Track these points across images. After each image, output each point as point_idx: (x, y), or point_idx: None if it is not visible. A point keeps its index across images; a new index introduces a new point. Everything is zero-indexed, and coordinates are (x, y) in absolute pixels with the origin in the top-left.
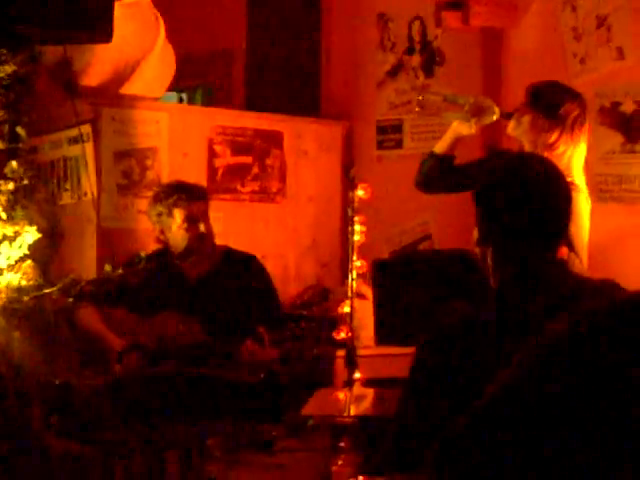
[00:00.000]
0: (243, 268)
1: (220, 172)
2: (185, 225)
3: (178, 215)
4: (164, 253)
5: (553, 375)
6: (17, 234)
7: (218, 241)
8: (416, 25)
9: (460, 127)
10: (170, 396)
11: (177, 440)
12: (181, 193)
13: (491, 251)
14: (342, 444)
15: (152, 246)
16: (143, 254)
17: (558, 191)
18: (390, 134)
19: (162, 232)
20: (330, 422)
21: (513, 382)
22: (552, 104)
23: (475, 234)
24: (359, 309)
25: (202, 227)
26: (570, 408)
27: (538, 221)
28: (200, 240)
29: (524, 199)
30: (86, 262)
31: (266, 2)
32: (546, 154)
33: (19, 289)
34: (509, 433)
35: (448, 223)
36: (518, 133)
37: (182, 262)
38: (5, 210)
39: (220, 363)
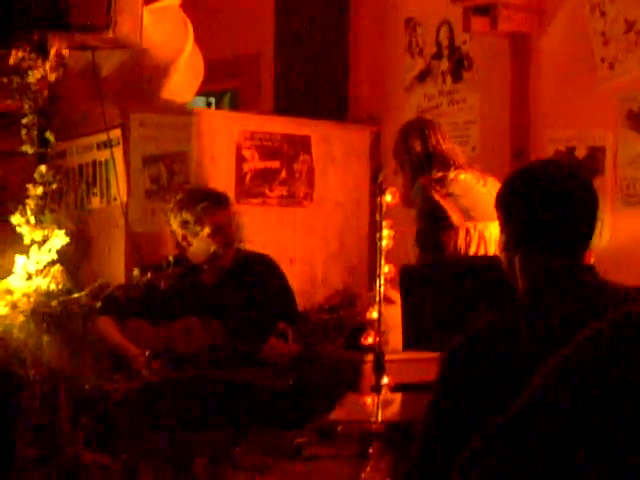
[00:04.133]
0: (257, 267)
1: (248, 177)
2: (213, 233)
3: (207, 223)
4: (182, 258)
5: (579, 389)
6: (46, 238)
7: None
8: (444, 30)
9: None
10: (198, 402)
11: (205, 447)
12: (209, 201)
13: (519, 257)
14: (370, 450)
15: (175, 250)
16: (171, 258)
17: (584, 194)
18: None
19: (185, 238)
20: (358, 428)
21: (539, 396)
22: (401, 153)
23: (501, 238)
24: (387, 314)
25: (228, 235)
26: (596, 420)
27: (566, 226)
28: (225, 247)
29: (551, 203)
30: (114, 266)
31: (294, 6)
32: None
33: (48, 293)
34: (536, 446)
35: None
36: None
37: (200, 267)
38: (34, 214)
39: (248, 368)
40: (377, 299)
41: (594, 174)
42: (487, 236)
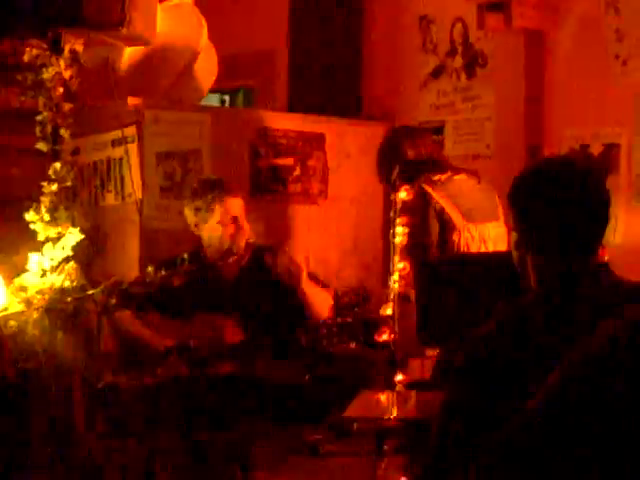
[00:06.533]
0: (267, 257)
1: (262, 174)
2: (223, 221)
3: (217, 211)
4: (199, 253)
5: (596, 386)
6: (60, 235)
7: (256, 240)
8: (458, 27)
9: None
10: (213, 399)
11: (221, 444)
12: (220, 189)
13: (531, 255)
14: (386, 447)
15: (191, 246)
16: (185, 255)
17: (597, 191)
18: (432, 136)
19: (196, 226)
20: (374, 425)
21: (555, 395)
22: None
23: (513, 236)
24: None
25: (238, 224)
26: (614, 416)
27: (578, 224)
28: (236, 237)
29: (563, 202)
30: (128, 263)
31: (308, 3)
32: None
33: (62, 290)
34: (551, 447)
35: None
36: None
37: (217, 261)
38: (48, 211)
39: (264, 364)
40: (391, 296)
41: (608, 171)
42: (486, 236)
